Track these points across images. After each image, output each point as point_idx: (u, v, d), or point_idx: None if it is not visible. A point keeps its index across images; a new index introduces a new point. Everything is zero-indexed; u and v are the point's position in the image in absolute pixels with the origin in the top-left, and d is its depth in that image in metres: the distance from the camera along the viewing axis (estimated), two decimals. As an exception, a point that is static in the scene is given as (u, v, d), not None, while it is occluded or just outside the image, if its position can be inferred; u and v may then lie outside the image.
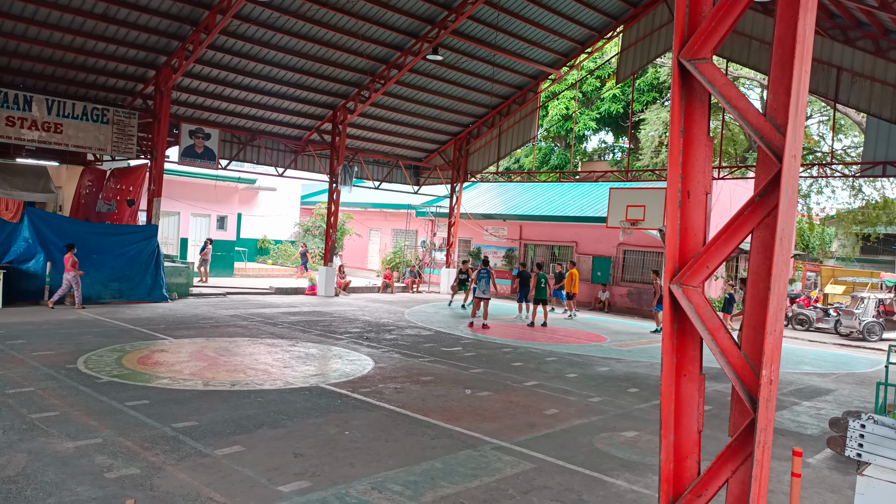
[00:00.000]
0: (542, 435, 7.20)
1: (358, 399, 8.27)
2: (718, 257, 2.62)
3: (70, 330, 11.98)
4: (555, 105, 34.10)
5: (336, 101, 21.27)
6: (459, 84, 22.31)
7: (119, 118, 17.52)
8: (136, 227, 18.04)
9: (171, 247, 24.50)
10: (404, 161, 26.23)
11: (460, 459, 6.21)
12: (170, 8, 15.70)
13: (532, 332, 16.04)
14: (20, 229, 15.52)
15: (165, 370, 9.23)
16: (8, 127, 15.72)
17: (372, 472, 5.71)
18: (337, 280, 22.68)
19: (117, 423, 6.62)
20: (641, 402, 9.15)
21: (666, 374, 2.64)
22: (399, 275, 27.26)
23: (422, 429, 7.16)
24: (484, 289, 15.97)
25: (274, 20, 16.98)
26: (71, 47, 15.94)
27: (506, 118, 24.87)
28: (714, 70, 2.67)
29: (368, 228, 32.14)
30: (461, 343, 13.50)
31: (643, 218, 18.83)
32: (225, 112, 20.33)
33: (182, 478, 5.33)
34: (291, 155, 22.80)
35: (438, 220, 29.09)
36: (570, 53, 22.48)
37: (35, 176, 19.12)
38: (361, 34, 18.39)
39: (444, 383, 9.51)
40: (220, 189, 26.26)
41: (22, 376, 8.31)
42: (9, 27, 14.88)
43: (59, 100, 16.51)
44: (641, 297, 23.01)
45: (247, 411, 7.38)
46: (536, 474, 5.95)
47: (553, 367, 11.46)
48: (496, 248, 27.37)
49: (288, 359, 10.70)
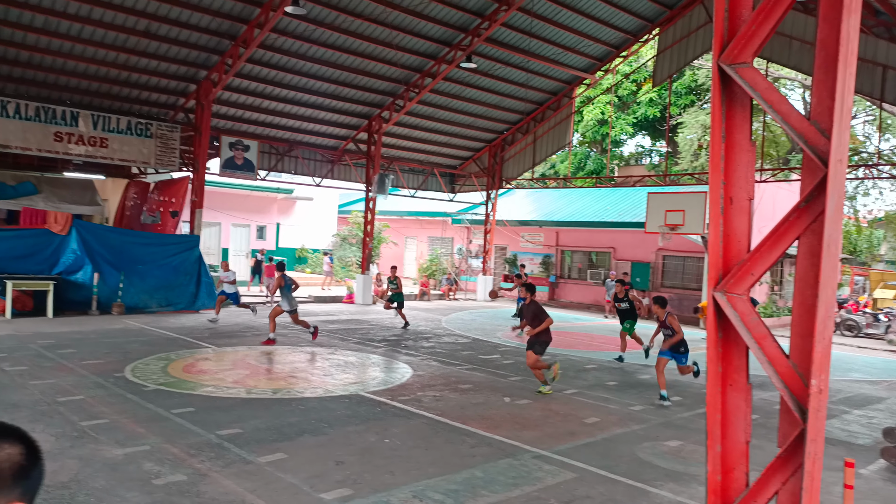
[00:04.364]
0: (582, 444, 7.13)
1: (397, 407, 8.31)
2: (763, 264, 2.57)
3: (117, 339, 12.31)
4: (590, 110, 33.85)
5: (371, 110, 21.50)
6: (493, 91, 22.33)
7: (162, 132, 17.99)
8: (179, 238, 18.48)
9: (213, 256, 25.01)
10: (439, 169, 26.33)
11: (500, 468, 6.18)
12: (209, 23, 16.10)
13: (570, 340, 15.89)
14: (69, 241, 16.03)
15: (209, 378, 9.41)
16: (56, 142, 16.27)
17: (412, 481, 5.73)
18: (374, 288, 22.85)
19: (164, 431, 6.78)
20: (684, 411, 8.98)
21: (711, 384, 2.60)
22: (435, 282, 27.33)
23: (461, 437, 7.15)
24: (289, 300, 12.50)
25: (310, 32, 17.27)
26: (115, 63, 16.45)
27: (540, 124, 24.79)
28: (755, 74, 2.63)
29: (404, 236, 32.32)
30: (499, 351, 13.46)
31: (683, 223, 18.53)
32: (263, 124, 20.71)
33: (227, 484, 5.43)
34: (328, 164, 23.09)
35: (474, 227, 29.10)
36: (604, 58, 22.32)
37: (82, 189, 19.73)
38: (396, 44, 18.56)
39: (483, 391, 9.49)
40: (259, 199, 26.74)
41: (72, 384, 8.57)
42: (56, 45, 15.43)
43: (104, 115, 17.03)
44: (682, 303, 22.61)
45: (288, 419, 7.48)
46: (578, 484, 5.89)
47: (593, 374, 11.34)
48: (532, 254, 27.25)
49: (327, 367, 10.81)
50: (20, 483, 1.22)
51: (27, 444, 1.26)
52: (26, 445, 1.25)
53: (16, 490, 1.21)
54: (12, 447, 1.22)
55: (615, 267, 24.00)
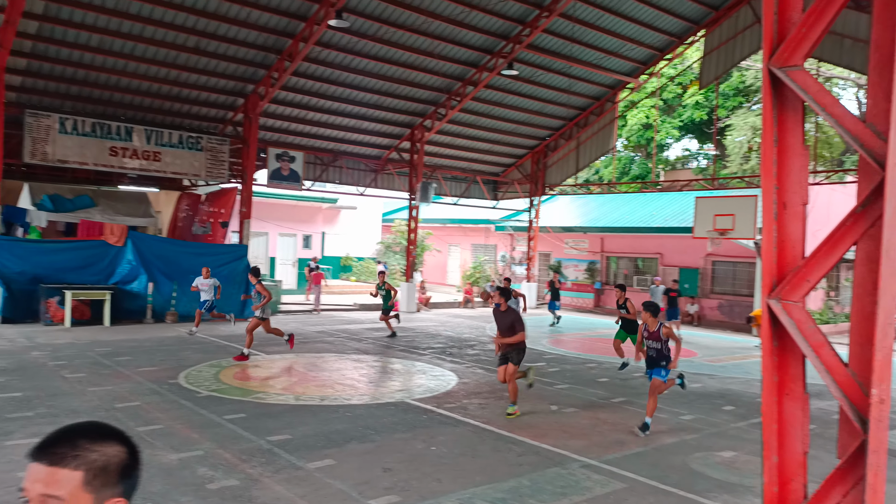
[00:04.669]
0: (632, 453, 7.02)
1: (443, 414, 8.33)
2: (819, 270, 2.51)
3: (171, 346, 12.67)
4: (634, 114, 33.43)
5: (414, 119, 21.68)
6: (535, 97, 22.27)
7: (212, 145, 18.50)
8: (228, 247, 18.95)
9: (261, 266, 25.51)
10: (482, 176, 26.35)
11: (548, 477, 6.14)
12: (256, 39, 16.52)
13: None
14: (124, 252, 16.61)
15: (259, 385, 9.61)
16: (111, 157, 16.89)
17: (459, 489, 5.73)
18: (418, 296, 22.96)
19: (217, 436, 6.95)
20: (738, 421, 8.76)
21: (767, 393, 2.54)
22: (479, 290, 27.30)
23: (507, 445, 7.13)
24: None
25: (353, 44, 17.54)
26: (167, 80, 17.01)
27: (583, 129, 24.60)
28: (807, 76, 2.58)
29: (448, 244, 32.41)
30: (544, 358, 13.37)
31: (733, 227, 18.09)
32: (308, 135, 21.10)
33: (278, 490, 5.54)
34: (372, 174, 23.36)
35: (517, 234, 29.00)
36: (648, 61, 22.04)
37: (136, 202, 20.39)
38: (438, 53, 18.70)
39: (529, 399, 9.43)
40: (305, 209, 27.20)
41: (129, 391, 8.86)
42: (111, 63, 16.05)
43: (157, 130, 17.61)
44: (734, 309, 22.08)
45: (336, 426, 7.58)
46: (628, 494, 5.80)
47: (641, 382, 11.16)
48: (577, 261, 26.99)
49: (374, 374, 10.92)
50: (123, 482, 1.31)
51: (130, 446, 1.36)
52: (129, 447, 1.34)
53: (119, 487, 1.31)
54: (118, 447, 1.31)
55: (662, 273, 23.58)
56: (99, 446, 1.30)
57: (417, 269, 24.82)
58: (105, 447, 1.31)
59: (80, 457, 1.27)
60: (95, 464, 1.28)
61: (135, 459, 1.36)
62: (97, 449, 1.29)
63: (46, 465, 1.26)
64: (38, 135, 15.77)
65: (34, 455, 1.29)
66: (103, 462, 1.29)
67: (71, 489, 1.25)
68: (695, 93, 32.44)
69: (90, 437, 1.31)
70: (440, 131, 22.38)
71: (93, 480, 1.27)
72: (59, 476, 1.25)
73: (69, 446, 1.28)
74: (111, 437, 1.34)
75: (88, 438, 1.30)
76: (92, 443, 1.30)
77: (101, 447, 1.30)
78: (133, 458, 1.36)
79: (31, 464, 1.28)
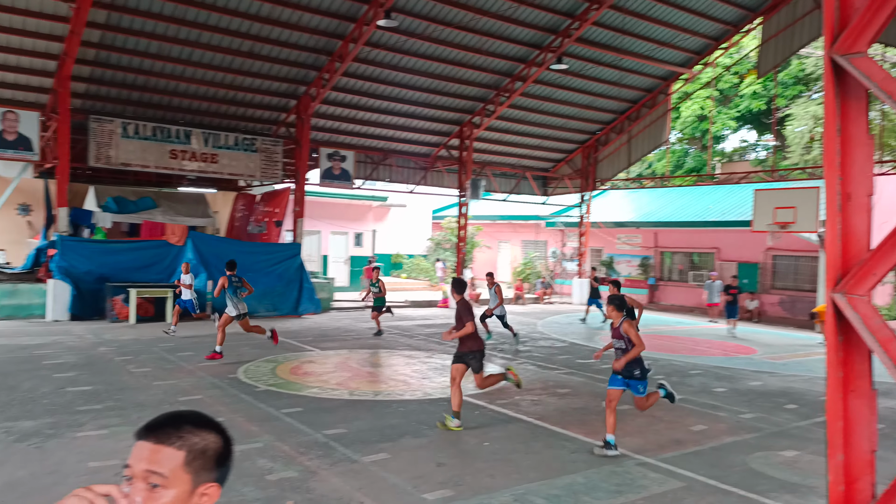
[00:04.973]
0: (690, 452, 6.89)
1: (495, 411, 8.35)
2: (886, 263, 2.43)
3: (230, 342, 13.02)
4: (688, 106, 32.63)
5: (462, 116, 21.71)
6: (585, 91, 21.99)
7: (266, 146, 18.94)
8: (282, 246, 19.38)
9: (314, 263, 26.00)
10: (531, 172, 26.19)
11: (603, 475, 6.09)
12: (307, 41, 16.83)
13: (673, 344, 15.38)
14: (185, 251, 17.17)
15: (314, 380, 9.82)
16: (171, 160, 17.47)
17: (513, 485, 5.74)
18: (469, 293, 23.00)
19: (275, 429, 7.14)
20: (800, 420, 8.49)
21: (832, 390, 2.47)
22: (530, 286, 27.17)
23: (561, 442, 7.10)
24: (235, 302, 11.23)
25: (402, 43, 17.68)
26: (222, 84, 17.50)
27: (635, 123, 24.16)
28: (871, 64, 2.49)
29: (498, 240, 32.35)
30: (597, 355, 13.21)
31: (794, 220, 17.49)
32: (359, 134, 21.37)
33: (335, 482, 5.66)
34: (421, 171, 23.49)
35: (568, 230, 28.72)
36: (703, 51, 21.48)
37: (195, 203, 21.08)
38: (486, 50, 18.67)
39: (582, 396, 9.36)
40: (356, 207, 27.58)
41: (191, 385, 9.18)
42: (169, 69, 16.61)
43: (213, 132, 18.13)
44: (795, 305, 21.37)
45: (389, 420, 7.68)
46: (686, 493, 5.70)
47: (698, 380, 10.93)
48: (630, 256, 26.56)
49: (425, 370, 11.00)
50: (218, 468, 1.41)
51: (226, 437, 1.45)
52: (225, 438, 1.43)
53: (214, 473, 1.41)
54: (216, 436, 1.40)
55: (719, 268, 22.99)
56: (200, 432, 1.39)
57: (467, 266, 24.85)
58: (205, 434, 1.40)
59: (184, 438, 1.36)
60: (196, 446, 1.37)
61: (229, 449, 1.44)
62: (199, 434, 1.39)
63: (153, 442, 1.35)
64: (101, 139, 16.45)
65: (141, 434, 1.38)
66: (203, 446, 1.37)
67: (172, 467, 1.33)
68: (752, 82, 31.45)
69: (193, 423, 1.40)
70: (489, 127, 22.34)
71: (193, 462, 1.36)
72: (164, 454, 1.34)
73: (174, 428, 1.37)
74: (211, 426, 1.43)
75: (191, 424, 1.40)
76: (194, 427, 1.39)
77: (202, 433, 1.39)
78: (228, 448, 1.44)
79: (137, 442, 1.37)
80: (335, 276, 25.08)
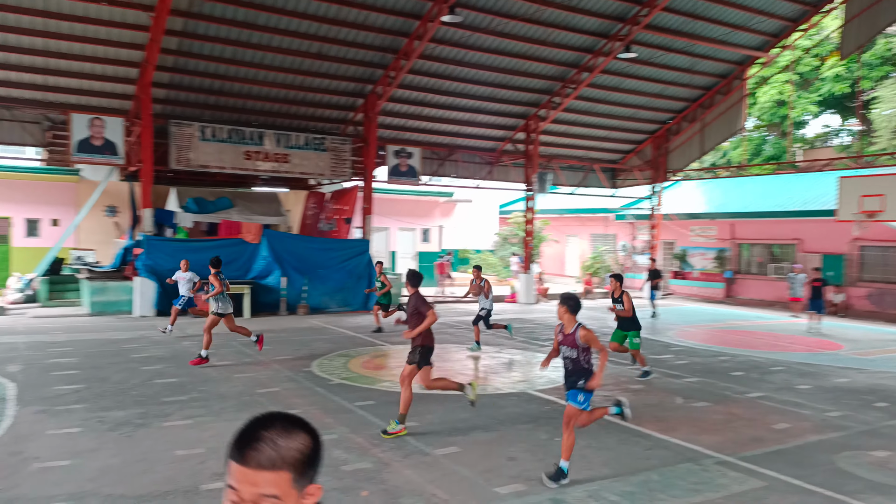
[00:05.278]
0: (771, 451, 6.62)
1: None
2: None
3: (304, 337, 13.41)
4: (765, 91, 31.28)
5: (528, 109, 21.52)
6: (655, 79, 21.40)
7: (335, 145, 19.33)
8: (352, 242, 19.76)
9: (383, 259, 26.36)
10: (599, 164, 25.71)
11: (679, 472, 5.92)
12: (374, 40, 17.05)
13: (753, 340, 14.81)
14: (260, 249, 17.75)
15: (386, 374, 9.97)
16: (246, 160, 18.08)
17: (586, 480, 5.67)
18: (536, 287, 22.83)
19: (349, 422, 7.29)
20: (891, 418, 8.02)
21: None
22: (600, 280, 26.71)
23: (634, 438, 6.95)
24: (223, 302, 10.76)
25: (466, 38, 17.67)
26: (293, 85, 17.97)
27: (709, 110, 23.35)
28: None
29: (565, 234, 31.94)
30: (671, 350, 12.88)
31: (882, 208, 16.51)
32: (425, 130, 21.51)
33: (407, 474, 5.73)
34: (487, 166, 23.44)
35: (638, 222, 28.05)
36: (780, 33, 20.54)
37: (269, 202, 21.73)
38: (551, 41, 18.43)
39: (656, 392, 9.14)
40: (423, 203, 27.80)
41: (268, 378, 9.49)
42: (243, 73, 17.17)
43: (285, 133, 18.64)
44: (885, 298, 20.19)
45: (460, 414, 7.71)
46: (768, 493, 5.48)
47: (780, 377, 10.48)
48: (704, 249, 25.71)
49: (495, 365, 11.00)
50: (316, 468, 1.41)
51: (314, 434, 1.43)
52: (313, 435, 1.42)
53: (313, 472, 1.40)
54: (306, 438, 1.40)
55: (802, 260, 21.96)
56: (295, 442, 1.37)
57: (535, 261, 24.65)
58: (299, 441, 1.38)
59: (285, 458, 1.34)
60: (298, 461, 1.36)
61: (320, 447, 1.43)
62: (295, 446, 1.36)
63: (254, 468, 1.32)
64: (181, 143, 17.19)
65: (240, 459, 1.34)
66: (303, 457, 1.37)
67: (283, 488, 1.33)
68: (835, 64, 29.86)
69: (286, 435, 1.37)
70: (555, 120, 22.05)
71: (299, 478, 1.36)
72: (271, 477, 1.32)
73: (272, 448, 1.34)
74: (299, 428, 1.41)
75: (284, 436, 1.37)
76: (289, 440, 1.37)
77: (296, 443, 1.37)
78: (320, 446, 1.43)
79: (238, 467, 1.34)
80: (403, 271, 25.34)
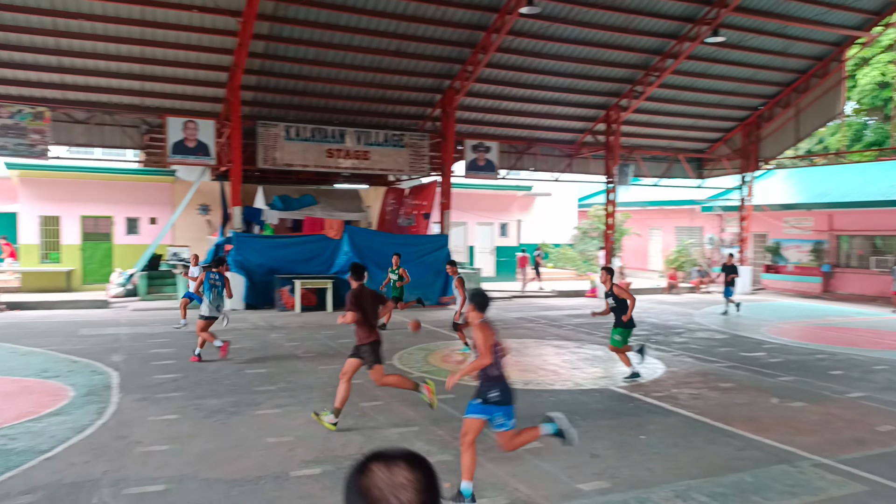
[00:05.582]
0: (874, 454, 6.22)
1: (651, 403, 8.04)
2: None
3: (384, 331, 13.62)
4: (866, 72, 29.30)
5: (609, 100, 21.03)
6: (745, 64, 20.43)
7: (413, 141, 19.55)
8: (431, 238, 19.94)
9: (461, 254, 26.48)
10: (684, 154, 24.83)
11: (774, 474, 5.66)
12: (451, 35, 17.10)
13: (853, 337, 13.96)
14: (341, 244, 18.20)
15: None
16: (328, 158, 18.57)
17: (673, 480, 5.50)
18: (619, 280, 22.31)
19: (431, 414, 7.37)
20: None
21: None
22: (685, 275, 25.83)
23: (724, 438, 6.69)
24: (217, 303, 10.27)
25: (545, 30, 17.43)
26: (372, 83, 18.29)
27: (804, 95, 22.10)
28: None
29: (648, 227, 31.06)
30: (763, 348, 12.30)
31: None
32: (502, 124, 21.42)
33: (489, 467, 5.74)
34: (566, 159, 23.09)
35: (727, 214, 26.92)
36: (883, 10, 19.15)
37: (349, 198, 22.25)
38: (632, 28, 17.93)
39: (747, 391, 8.76)
40: (501, 198, 27.68)
41: (352, 370, 9.70)
42: (325, 73, 17.63)
43: (365, 130, 19.02)
44: None
45: (540, 410, 7.61)
46: (870, 498, 5.16)
47: (884, 376, 9.83)
48: (799, 241, 24.38)
49: (575, 360, 10.84)
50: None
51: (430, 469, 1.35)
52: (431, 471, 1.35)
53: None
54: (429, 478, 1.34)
55: (907, 252, 20.48)
56: (422, 487, 1.31)
57: (616, 255, 24.10)
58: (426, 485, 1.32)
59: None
60: None
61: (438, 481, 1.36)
62: (425, 490, 1.31)
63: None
64: (268, 143, 17.84)
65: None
66: (434, 499, 1.32)
67: None
68: (946, 40, 27.58)
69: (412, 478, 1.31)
70: (637, 110, 21.44)
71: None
72: None
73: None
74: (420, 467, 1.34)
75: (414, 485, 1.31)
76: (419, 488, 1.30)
77: (423, 489, 1.31)
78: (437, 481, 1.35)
79: None
80: (481, 266, 25.38)
